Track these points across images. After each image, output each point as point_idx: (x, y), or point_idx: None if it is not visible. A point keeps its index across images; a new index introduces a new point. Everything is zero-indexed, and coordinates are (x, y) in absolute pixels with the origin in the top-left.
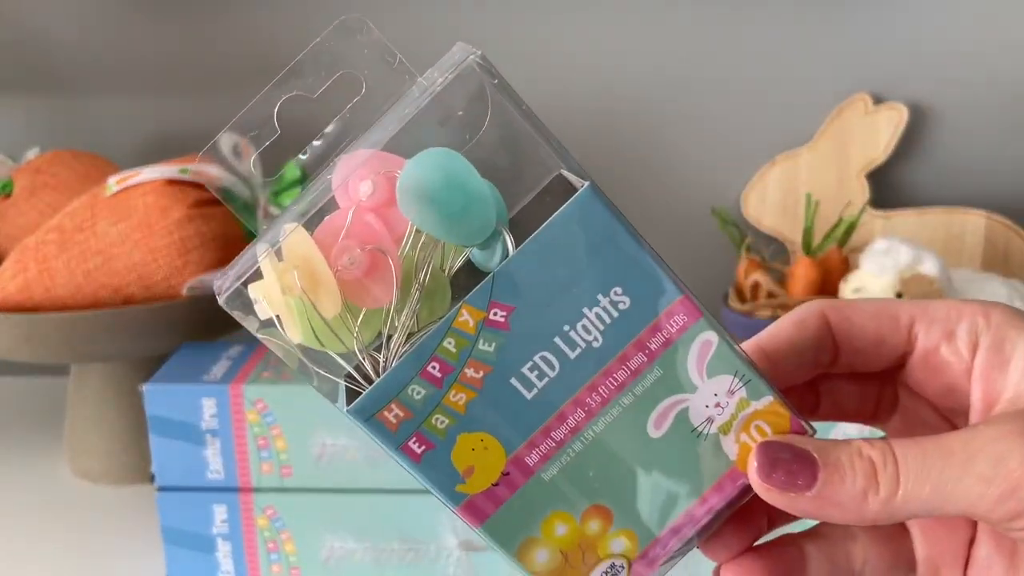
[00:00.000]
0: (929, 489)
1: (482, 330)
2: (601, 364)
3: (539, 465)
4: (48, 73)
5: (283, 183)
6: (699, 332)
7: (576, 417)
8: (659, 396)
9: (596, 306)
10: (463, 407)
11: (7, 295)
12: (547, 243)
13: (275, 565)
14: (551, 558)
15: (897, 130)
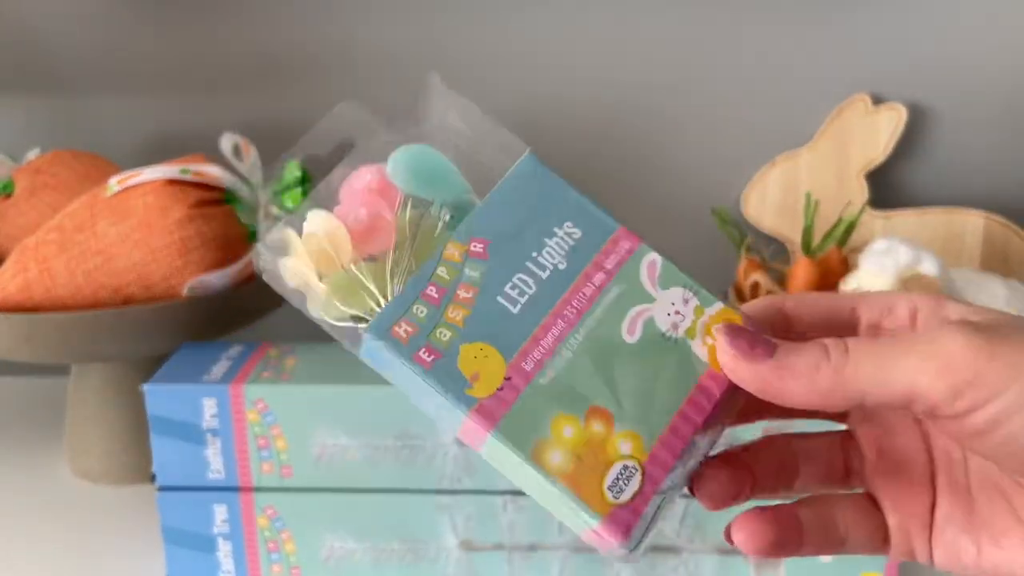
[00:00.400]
0: (875, 363)
1: (467, 259)
2: (570, 281)
3: (536, 371)
4: (48, 73)
5: (284, 183)
6: (644, 254)
7: (558, 328)
8: (625, 307)
9: (554, 236)
10: (461, 322)
11: (7, 295)
12: (506, 192)
13: (275, 565)
14: (565, 459)
15: (897, 130)
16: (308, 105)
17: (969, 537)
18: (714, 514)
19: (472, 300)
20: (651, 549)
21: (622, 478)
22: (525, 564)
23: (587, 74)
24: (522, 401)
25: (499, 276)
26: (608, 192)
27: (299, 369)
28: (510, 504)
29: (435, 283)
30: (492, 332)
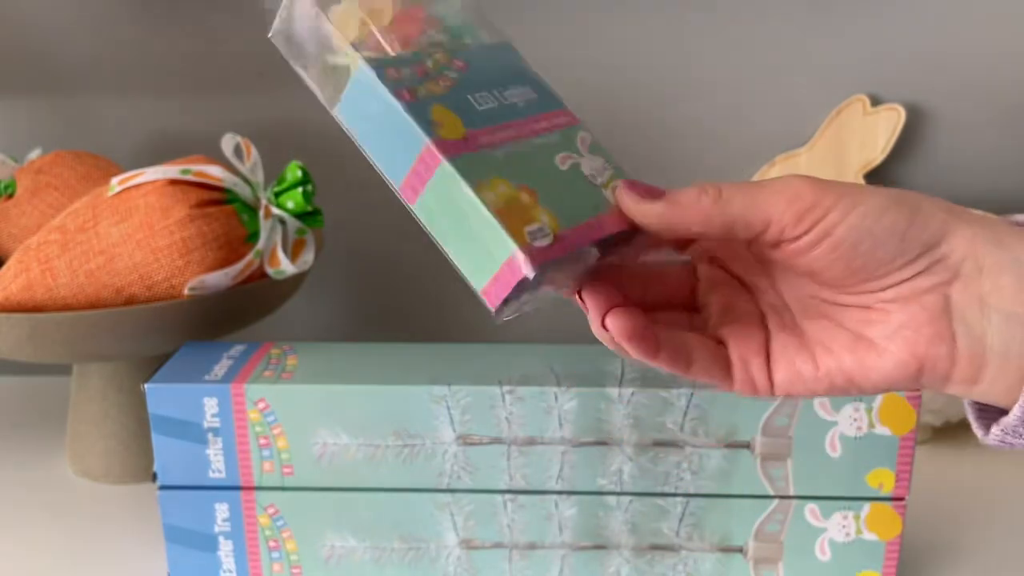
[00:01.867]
0: (742, 196)
1: (450, 65)
2: (524, 115)
3: (486, 144)
4: (50, 74)
5: (285, 183)
6: (580, 130)
7: (508, 133)
8: (560, 149)
9: (517, 88)
10: (438, 91)
11: (9, 295)
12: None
13: (276, 563)
14: (499, 200)
15: (895, 131)
16: (308, 105)
17: (805, 355)
18: (713, 514)
19: (448, 86)
20: (650, 547)
21: (539, 233)
22: (525, 563)
23: (586, 74)
24: (472, 155)
25: (472, 85)
26: None
27: (300, 368)
28: (510, 503)
29: (423, 65)
30: (460, 108)
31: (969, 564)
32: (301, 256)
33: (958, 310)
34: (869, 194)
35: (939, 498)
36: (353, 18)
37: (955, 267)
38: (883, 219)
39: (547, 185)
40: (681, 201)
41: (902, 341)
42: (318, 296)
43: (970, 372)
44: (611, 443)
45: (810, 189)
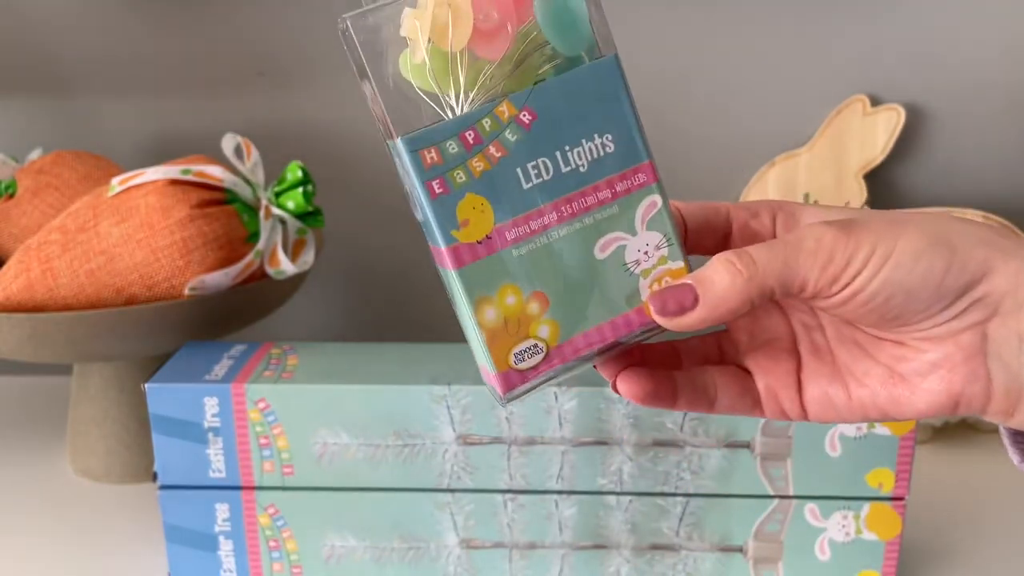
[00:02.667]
0: (776, 263)
1: (512, 123)
2: (580, 185)
3: (513, 242)
4: (51, 74)
5: (285, 183)
6: (651, 192)
7: (550, 217)
8: (610, 227)
9: (591, 141)
10: (479, 173)
11: (10, 295)
12: (575, 81)
13: (277, 563)
14: (496, 319)
15: (895, 131)
16: (309, 106)
17: (838, 385)
18: (713, 513)
19: (496, 160)
20: (650, 547)
21: (529, 351)
22: (525, 562)
23: None
24: (489, 260)
25: (529, 150)
26: None
27: (301, 368)
28: (510, 503)
29: (476, 130)
30: (497, 194)
31: (968, 564)
32: (301, 256)
33: (994, 346)
34: (903, 237)
35: (939, 498)
36: (422, 30)
37: (995, 304)
38: (917, 269)
39: (568, 285)
40: (716, 297)
41: (936, 379)
42: (318, 296)
43: (1006, 405)
44: (611, 443)
45: (843, 246)
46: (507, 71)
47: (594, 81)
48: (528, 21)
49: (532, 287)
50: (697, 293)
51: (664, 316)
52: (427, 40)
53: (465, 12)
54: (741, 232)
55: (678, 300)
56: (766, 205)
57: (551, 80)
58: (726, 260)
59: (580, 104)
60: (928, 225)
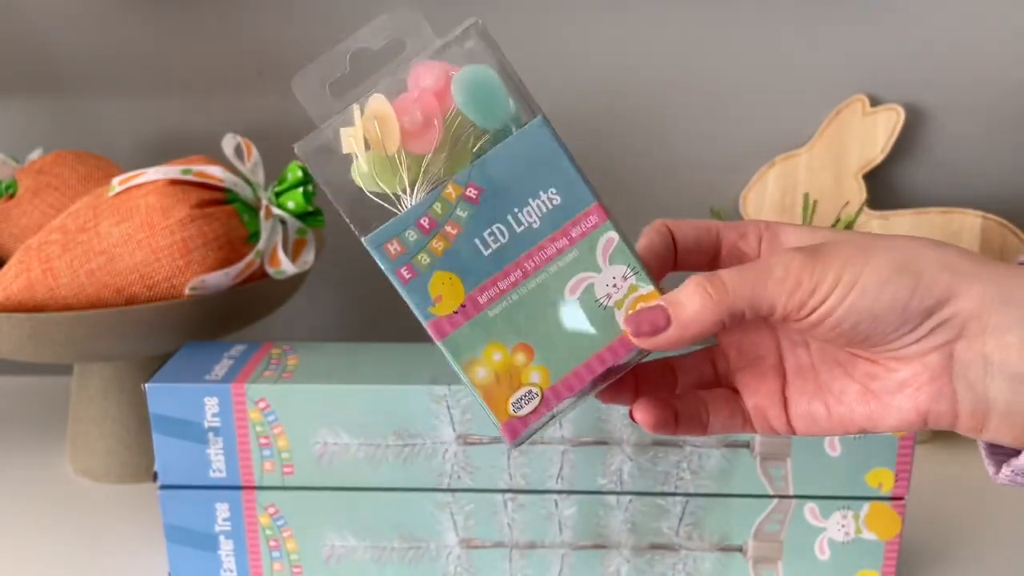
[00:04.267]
0: (747, 289)
1: (460, 201)
2: (538, 239)
3: (487, 304)
4: (51, 74)
5: (285, 183)
6: (606, 230)
7: (516, 275)
8: (575, 270)
9: (537, 199)
10: (440, 252)
11: (10, 295)
12: (510, 149)
13: (277, 563)
14: (488, 376)
15: (894, 131)
16: None
17: (819, 402)
18: (713, 513)
19: (454, 237)
20: (650, 547)
21: (525, 398)
22: (525, 562)
23: (586, 74)
24: (469, 326)
25: (482, 221)
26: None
27: (301, 368)
28: (510, 502)
29: (430, 215)
30: (462, 267)
31: (968, 563)
32: (301, 256)
33: (960, 367)
34: (870, 264)
35: (938, 498)
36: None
37: (960, 327)
38: (882, 295)
39: (548, 331)
40: (687, 319)
41: (905, 397)
42: (318, 296)
43: (973, 423)
44: (611, 442)
45: (810, 273)
46: (443, 157)
47: (528, 144)
48: (451, 109)
49: (514, 341)
50: (669, 314)
51: (639, 337)
52: (365, 150)
53: (391, 120)
54: (730, 252)
55: (651, 322)
56: (754, 226)
57: (488, 155)
58: (697, 283)
59: (520, 168)
60: (895, 251)
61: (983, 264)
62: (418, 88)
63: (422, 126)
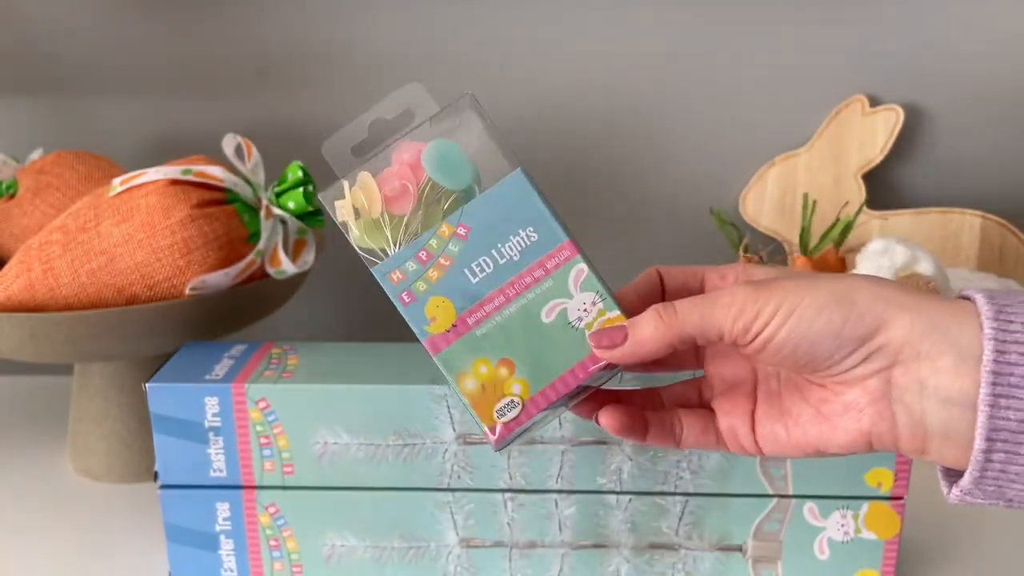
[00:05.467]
0: (697, 315)
1: (452, 238)
2: (517, 270)
3: (475, 325)
4: (51, 75)
5: (285, 183)
6: (577, 263)
7: (499, 300)
8: (550, 297)
9: (517, 236)
10: (435, 280)
11: (11, 295)
12: (495, 195)
13: (277, 562)
14: (475, 387)
15: (894, 132)
16: (309, 106)
17: (780, 424)
18: (713, 513)
19: (446, 267)
20: (650, 546)
21: (507, 407)
22: (525, 561)
23: (587, 75)
24: (459, 343)
25: (471, 254)
26: (607, 192)
27: (301, 368)
28: (510, 502)
29: (426, 249)
30: (453, 292)
31: (967, 563)
32: (302, 256)
33: (898, 392)
34: (810, 295)
35: (937, 498)
36: (350, 211)
37: (894, 354)
38: (817, 322)
39: (527, 348)
40: (641, 338)
41: (849, 419)
42: (319, 296)
43: (914, 445)
44: (610, 442)
45: (752, 301)
46: (419, 215)
47: (509, 191)
48: (424, 176)
49: (498, 356)
50: (627, 333)
51: (600, 349)
52: (356, 217)
53: (374, 191)
54: (711, 291)
55: (611, 337)
56: (733, 269)
57: (476, 199)
58: (654, 310)
59: (502, 211)
60: (836, 284)
61: (917, 297)
62: (398, 162)
63: (400, 192)
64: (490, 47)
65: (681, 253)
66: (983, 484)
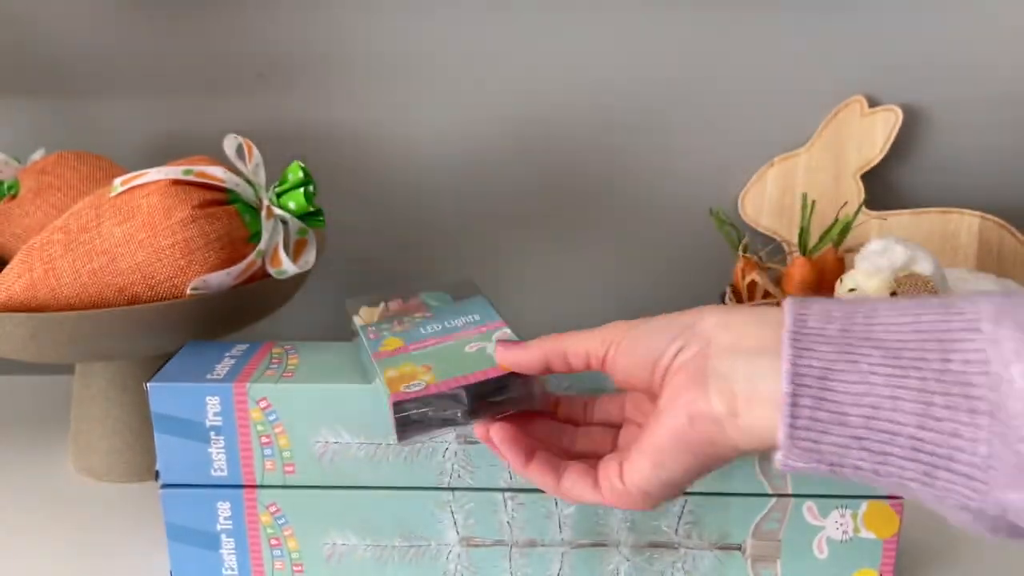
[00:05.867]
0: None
1: (421, 315)
2: (461, 329)
3: (415, 349)
4: (53, 75)
5: (286, 183)
6: (503, 330)
7: (437, 341)
8: (477, 341)
9: (467, 317)
10: (398, 330)
11: (13, 295)
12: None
13: (278, 561)
14: (396, 374)
15: (892, 132)
16: (310, 106)
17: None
18: (712, 512)
19: (408, 328)
20: (649, 545)
21: (414, 386)
22: (525, 560)
23: (586, 76)
24: (394, 357)
25: (427, 322)
26: (607, 192)
27: (302, 368)
28: (510, 501)
29: (398, 321)
30: (408, 335)
31: (965, 562)
32: (302, 256)
33: (712, 364)
34: (655, 319)
35: None
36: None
37: (708, 335)
38: (652, 322)
39: (446, 362)
40: (521, 350)
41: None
42: (319, 296)
43: (727, 408)
44: None
45: (616, 327)
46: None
47: (467, 304)
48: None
49: (423, 363)
50: (521, 345)
51: (499, 347)
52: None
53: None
54: None
55: (506, 346)
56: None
57: (441, 308)
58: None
59: (456, 309)
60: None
61: (727, 307)
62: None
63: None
64: (489, 49)
65: (681, 254)
66: (797, 438)
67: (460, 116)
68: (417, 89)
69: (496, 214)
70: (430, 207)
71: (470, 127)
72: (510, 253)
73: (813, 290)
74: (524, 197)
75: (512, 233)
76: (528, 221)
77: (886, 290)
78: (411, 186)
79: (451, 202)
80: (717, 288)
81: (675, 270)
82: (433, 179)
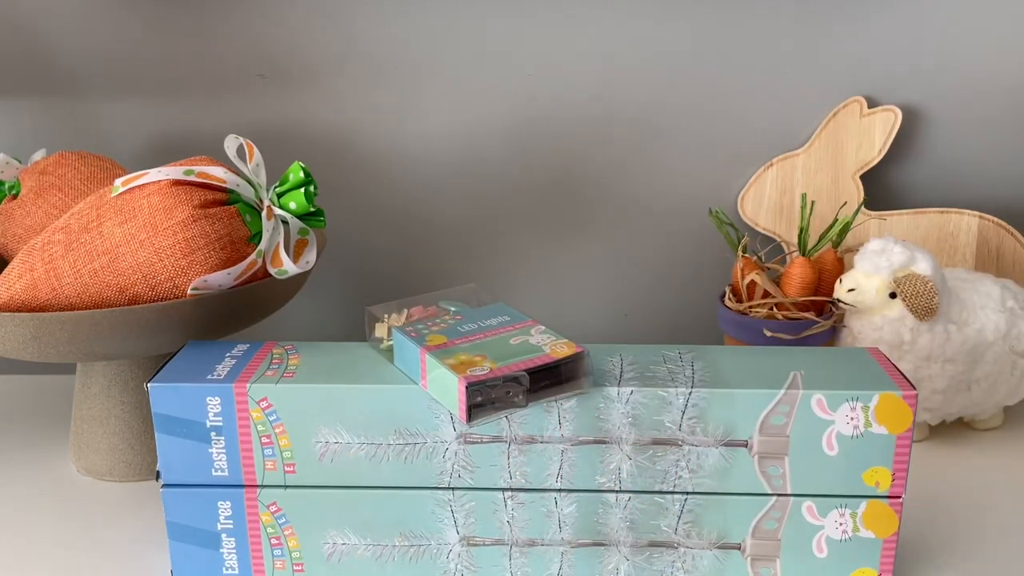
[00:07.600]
0: None
1: (454, 317)
2: (497, 328)
3: (461, 343)
4: (54, 75)
5: (287, 184)
6: (536, 325)
7: (478, 337)
8: (517, 335)
9: (497, 319)
10: (437, 329)
11: (14, 295)
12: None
13: (279, 561)
14: (455, 362)
15: (891, 132)
16: (310, 106)
17: None
18: (711, 511)
19: (445, 328)
20: (649, 545)
21: (479, 370)
22: (525, 559)
23: (586, 76)
24: (444, 350)
25: (462, 323)
26: (607, 193)
27: (303, 368)
28: (510, 500)
29: (433, 322)
30: (448, 332)
31: (965, 562)
32: (303, 256)
33: None
34: None
35: (935, 496)
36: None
37: None
38: None
39: (497, 352)
40: None
41: None
42: (320, 296)
43: None
44: (610, 441)
45: None
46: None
47: (491, 309)
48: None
49: (476, 354)
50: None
51: None
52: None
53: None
54: None
55: None
56: None
57: (465, 312)
58: None
59: (485, 313)
60: None
61: None
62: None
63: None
64: (488, 49)
65: (680, 254)
66: None
67: (460, 116)
68: (417, 89)
69: (496, 214)
70: (430, 207)
71: (470, 127)
72: (510, 252)
73: (813, 290)
74: (524, 196)
75: (512, 232)
76: (528, 220)
77: (885, 290)
78: (411, 186)
79: (451, 202)
80: (717, 288)
81: (675, 270)
82: (433, 179)
